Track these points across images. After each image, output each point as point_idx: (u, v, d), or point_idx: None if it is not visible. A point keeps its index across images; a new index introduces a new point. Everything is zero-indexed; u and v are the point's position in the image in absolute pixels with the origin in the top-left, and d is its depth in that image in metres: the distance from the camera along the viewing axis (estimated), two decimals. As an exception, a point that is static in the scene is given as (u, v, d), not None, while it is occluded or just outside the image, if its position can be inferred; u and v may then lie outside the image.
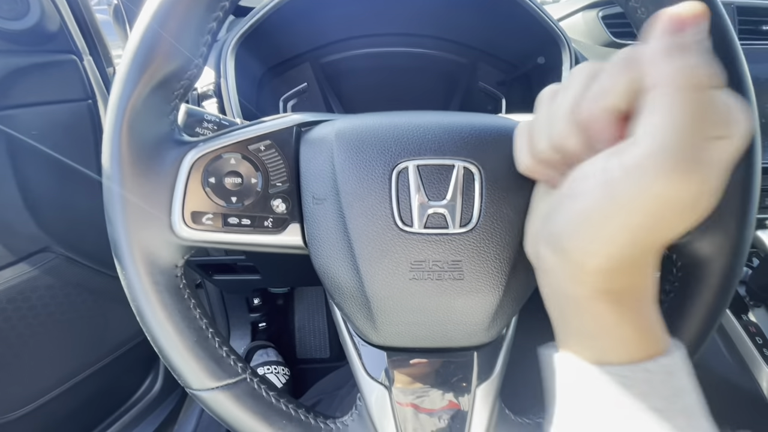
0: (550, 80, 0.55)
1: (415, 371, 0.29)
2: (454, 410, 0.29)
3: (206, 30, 0.26)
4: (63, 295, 0.64)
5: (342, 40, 0.65)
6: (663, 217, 0.16)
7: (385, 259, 0.26)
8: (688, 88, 0.15)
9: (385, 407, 0.29)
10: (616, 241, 0.17)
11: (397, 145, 0.26)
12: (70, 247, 0.65)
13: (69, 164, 0.63)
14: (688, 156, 0.15)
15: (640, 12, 0.27)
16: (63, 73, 0.61)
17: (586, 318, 0.20)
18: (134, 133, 0.25)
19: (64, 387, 0.66)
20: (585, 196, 0.17)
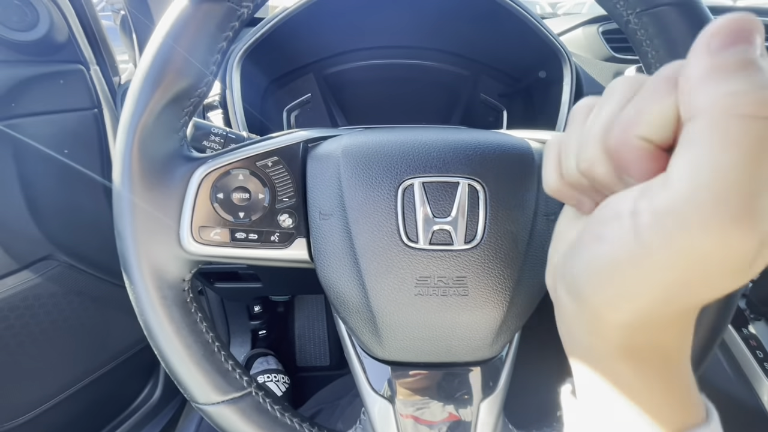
0: (551, 93, 0.56)
1: (419, 386, 0.30)
2: (457, 423, 0.29)
3: (216, 49, 0.27)
4: (65, 302, 0.64)
5: (346, 52, 0.66)
6: (704, 275, 0.13)
7: (391, 274, 0.26)
8: (736, 117, 0.11)
9: (389, 422, 0.29)
10: (645, 297, 0.14)
11: (403, 162, 0.27)
12: (74, 254, 0.65)
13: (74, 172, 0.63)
14: (734, 203, 0.11)
15: (640, 33, 0.27)
16: (70, 83, 0.62)
17: (605, 378, 0.17)
18: (145, 149, 0.26)
19: (65, 394, 0.66)
20: (611, 241, 0.14)
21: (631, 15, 0.27)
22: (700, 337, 0.28)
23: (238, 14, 0.26)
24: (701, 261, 0.12)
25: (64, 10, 0.59)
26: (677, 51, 0.26)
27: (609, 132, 0.15)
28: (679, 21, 0.26)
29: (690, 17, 0.26)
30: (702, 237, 0.12)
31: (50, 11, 0.56)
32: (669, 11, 0.26)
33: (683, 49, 0.26)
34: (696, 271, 0.13)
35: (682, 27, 0.26)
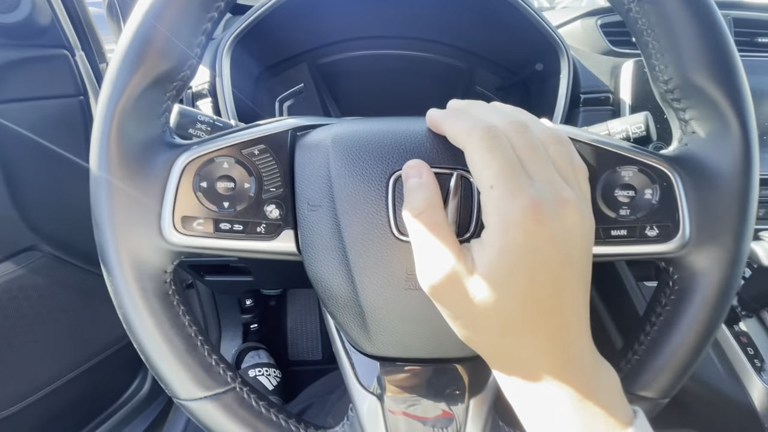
0: (548, 86, 0.55)
1: (408, 382, 0.29)
2: (447, 420, 0.29)
3: (200, 30, 0.26)
4: (50, 294, 0.63)
5: (339, 42, 0.65)
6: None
7: (380, 268, 0.25)
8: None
9: (377, 418, 0.29)
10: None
11: (394, 153, 0.26)
12: (58, 245, 0.63)
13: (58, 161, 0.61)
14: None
15: (641, 22, 0.27)
16: (55, 68, 0.60)
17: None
18: (124, 134, 0.25)
19: (51, 388, 0.65)
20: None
21: (632, 3, 0.26)
22: (693, 334, 0.27)
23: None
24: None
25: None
26: (678, 41, 0.26)
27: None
28: (681, 9, 0.25)
29: (692, 5, 0.25)
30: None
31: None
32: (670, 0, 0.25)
33: (684, 38, 0.25)
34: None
35: (684, 15, 0.25)
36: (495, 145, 0.20)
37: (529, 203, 0.19)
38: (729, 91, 0.26)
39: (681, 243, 0.27)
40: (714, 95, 0.26)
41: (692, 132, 0.28)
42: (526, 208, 0.19)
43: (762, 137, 0.51)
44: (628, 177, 0.28)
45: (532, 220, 0.19)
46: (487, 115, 0.23)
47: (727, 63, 0.25)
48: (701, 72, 0.26)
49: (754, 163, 0.26)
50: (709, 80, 0.26)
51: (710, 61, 0.25)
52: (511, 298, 0.20)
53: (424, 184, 0.23)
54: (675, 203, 0.27)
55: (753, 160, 0.26)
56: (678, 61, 0.26)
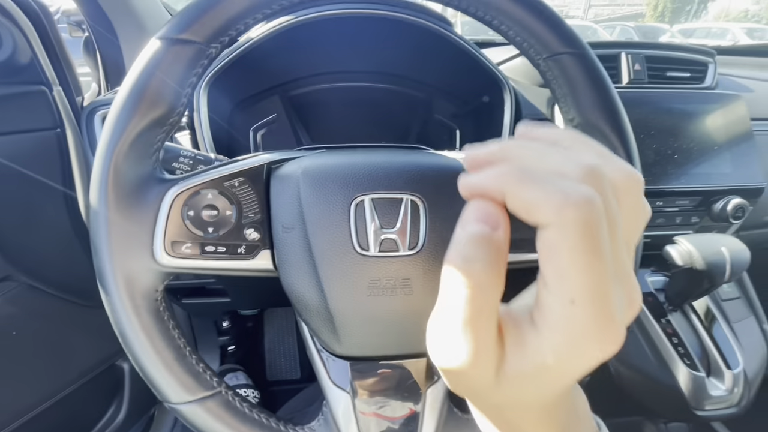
0: (495, 115, 0.63)
1: (375, 378, 0.33)
2: (410, 414, 0.33)
3: (187, 84, 0.30)
4: (25, 324, 0.63)
5: (309, 76, 0.71)
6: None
7: (346, 278, 0.30)
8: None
9: (349, 412, 0.33)
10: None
11: (354, 182, 0.31)
12: (33, 275, 0.64)
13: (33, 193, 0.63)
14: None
15: (549, 74, 0.34)
16: (32, 104, 0.62)
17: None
18: (120, 174, 0.29)
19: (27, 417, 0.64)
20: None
21: (539, 59, 0.33)
22: None
23: (207, 54, 0.30)
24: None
25: (26, 33, 0.60)
26: (576, 90, 0.33)
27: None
28: (574, 66, 0.32)
29: (582, 63, 0.32)
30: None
31: (13, 34, 0.57)
32: (566, 58, 0.32)
33: (580, 88, 0.33)
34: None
35: (577, 70, 0.32)
36: (594, 239, 0.14)
37: (612, 340, 0.15)
38: (615, 127, 0.33)
39: None
40: (605, 131, 0.33)
41: None
42: (606, 346, 0.15)
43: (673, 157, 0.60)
44: None
45: (603, 354, 0.15)
46: (570, 167, 0.15)
47: (612, 107, 0.33)
48: (594, 114, 0.33)
49: None
50: (600, 120, 0.33)
51: (600, 107, 0.33)
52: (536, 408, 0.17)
53: (493, 242, 0.16)
54: None
55: None
56: (577, 105, 0.33)
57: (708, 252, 0.50)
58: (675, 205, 0.60)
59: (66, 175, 0.66)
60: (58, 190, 0.66)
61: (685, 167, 0.60)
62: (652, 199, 0.59)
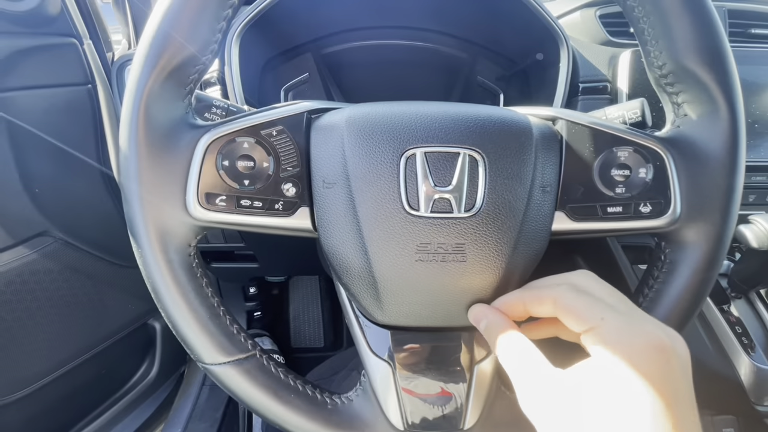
0: (548, 76, 0.57)
1: (418, 350, 0.31)
2: (455, 390, 0.31)
3: (221, 17, 0.27)
4: (61, 279, 0.64)
5: (344, 32, 0.66)
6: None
7: (393, 241, 0.27)
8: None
9: (389, 385, 0.30)
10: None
11: (405, 133, 0.27)
12: (69, 231, 0.65)
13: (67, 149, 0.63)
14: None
15: (637, 11, 0.28)
16: (63, 57, 0.61)
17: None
18: (151, 115, 0.26)
19: (62, 371, 0.67)
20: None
21: None
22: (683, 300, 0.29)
23: None
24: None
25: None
26: (672, 28, 0.27)
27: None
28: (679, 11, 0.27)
29: None
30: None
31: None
32: None
33: (677, 25, 0.27)
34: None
35: (677, 4, 0.27)
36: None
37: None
38: (719, 76, 0.27)
39: (672, 219, 0.29)
40: (705, 80, 0.28)
41: (684, 115, 0.30)
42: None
43: (754, 126, 0.53)
44: (624, 157, 0.29)
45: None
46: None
47: (717, 49, 0.27)
48: (693, 57, 0.27)
49: (740, 145, 0.28)
50: (700, 65, 0.27)
51: (702, 48, 0.27)
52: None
53: (493, 324, 0.26)
54: (667, 182, 0.29)
55: (740, 142, 0.28)
56: (671, 47, 0.28)
57: (789, 234, 0.44)
58: (750, 182, 0.53)
59: (98, 132, 0.66)
60: (90, 146, 0.65)
61: (765, 138, 0.53)
62: (724, 174, 0.53)
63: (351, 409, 0.30)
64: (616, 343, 0.21)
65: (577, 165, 0.30)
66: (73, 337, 0.69)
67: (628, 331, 0.21)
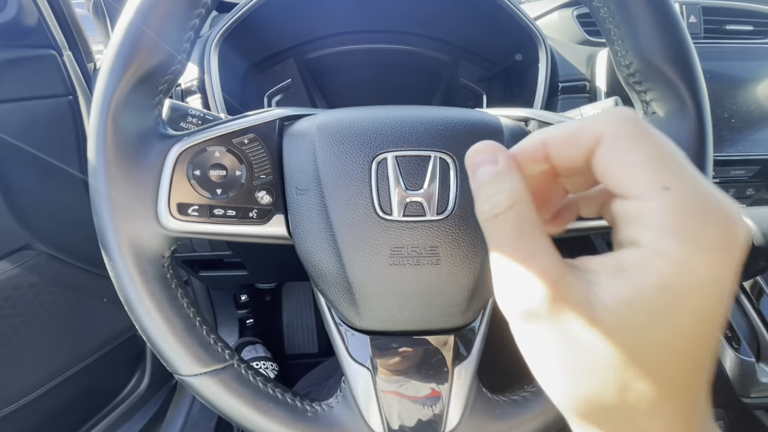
0: (528, 76, 0.57)
1: (398, 354, 0.31)
2: (435, 393, 0.31)
3: (188, 26, 0.27)
4: (46, 293, 0.63)
5: (325, 37, 0.66)
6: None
7: (366, 246, 0.27)
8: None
9: (369, 390, 0.30)
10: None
11: (376, 137, 0.28)
12: (53, 244, 0.64)
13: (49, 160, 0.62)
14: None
15: (603, 11, 0.28)
16: (43, 69, 0.60)
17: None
18: (119, 127, 0.26)
19: (50, 385, 0.66)
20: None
21: None
22: None
23: None
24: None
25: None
26: (636, 27, 0.28)
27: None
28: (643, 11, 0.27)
29: None
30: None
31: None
32: None
33: (642, 24, 0.27)
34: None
35: (640, 3, 0.27)
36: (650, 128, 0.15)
37: (729, 221, 0.13)
38: (684, 74, 0.28)
39: None
40: (671, 77, 0.28)
41: (653, 112, 0.30)
42: (727, 233, 0.13)
43: (730, 120, 0.54)
44: None
45: (728, 247, 0.13)
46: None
47: (681, 47, 0.28)
48: (658, 56, 0.28)
49: (708, 140, 0.28)
50: (666, 63, 0.28)
51: (666, 45, 0.27)
52: (659, 355, 0.14)
53: (503, 172, 0.17)
54: None
55: (707, 137, 0.28)
56: (637, 46, 0.28)
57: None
58: (729, 176, 0.54)
59: (80, 143, 0.65)
60: (73, 158, 0.65)
61: (742, 132, 0.53)
62: (703, 169, 0.54)
63: (331, 416, 0.30)
64: (684, 230, 0.13)
65: None
66: (60, 351, 0.68)
67: (701, 213, 0.13)
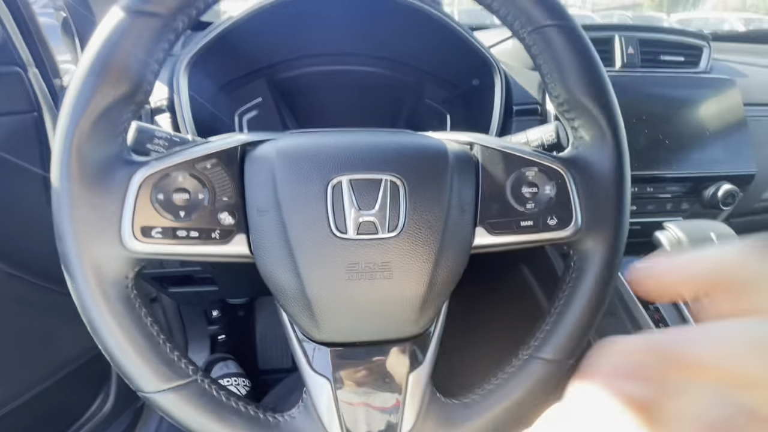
0: (485, 99, 0.61)
1: (356, 364, 0.33)
2: (392, 399, 0.33)
3: (153, 60, 0.29)
4: (5, 312, 0.62)
5: (296, 58, 0.68)
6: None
7: (323, 262, 0.29)
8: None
9: (330, 400, 0.32)
10: None
11: (331, 162, 0.30)
12: (12, 262, 0.63)
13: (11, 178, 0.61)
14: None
15: (533, 49, 0.32)
16: (7, 86, 0.60)
17: None
18: (83, 154, 0.27)
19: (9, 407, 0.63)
20: None
21: (524, 33, 0.32)
22: (589, 302, 0.33)
23: (173, 27, 0.28)
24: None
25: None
26: (561, 64, 0.31)
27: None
28: (559, 39, 0.31)
29: (568, 36, 0.31)
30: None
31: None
32: (551, 31, 0.31)
33: (565, 62, 0.31)
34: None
35: (563, 43, 0.31)
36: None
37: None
38: (602, 106, 0.32)
39: (575, 229, 0.33)
40: (591, 108, 0.32)
41: (580, 137, 0.34)
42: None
43: (664, 142, 0.60)
44: (531, 176, 0.33)
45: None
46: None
47: (599, 84, 0.32)
48: (580, 90, 0.32)
49: (624, 163, 0.32)
50: (586, 97, 0.32)
51: (586, 82, 0.31)
52: None
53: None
54: (569, 197, 0.33)
55: (623, 161, 0.32)
56: (563, 81, 0.32)
57: (697, 237, 0.50)
58: (666, 191, 0.59)
59: (45, 160, 0.64)
60: (37, 175, 0.64)
61: (676, 153, 0.59)
62: (643, 185, 0.59)
63: (293, 426, 0.32)
64: None
65: (492, 184, 0.33)
66: (20, 372, 0.65)
67: None
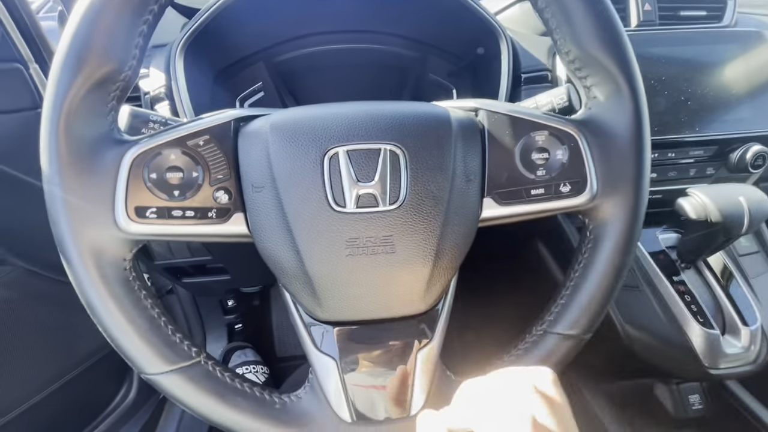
0: (492, 68, 0.58)
1: (362, 343, 0.32)
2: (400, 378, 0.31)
3: (137, 33, 0.27)
4: (24, 308, 0.63)
5: (293, 39, 0.67)
6: None
7: (322, 238, 0.28)
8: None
9: (336, 379, 0.31)
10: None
11: (327, 133, 0.28)
12: (29, 259, 0.64)
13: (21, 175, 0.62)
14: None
15: (540, 2, 0.30)
16: (9, 83, 0.60)
17: None
18: (71, 134, 0.26)
19: (34, 400, 0.65)
20: None
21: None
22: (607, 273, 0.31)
23: (148, 6, 0.27)
24: None
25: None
26: (571, 17, 0.29)
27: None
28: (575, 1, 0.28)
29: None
30: None
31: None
32: None
33: (575, 14, 0.29)
34: None
35: (578, 6, 0.28)
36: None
37: None
38: (618, 59, 0.29)
39: (590, 196, 0.31)
40: (606, 63, 0.29)
41: (594, 97, 0.31)
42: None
43: (686, 103, 0.56)
44: (541, 141, 0.31)
45: None
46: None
47: (613, 35, 0.29)
48: (593, 44, 0.29)
49: (644, 121, 0.30)
50: (600, 50, 0.29)
51: (599, 34, 0.29)
52: None
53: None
54: (582, 161, 0.30)
55: (643, 118, 0.30)
56: (573, 35, 0.29)
57: (724, 203, 0.47)
58: (689, 156, 0.56)
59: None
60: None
61: (700, 114, 0.55)
62: (664, 151, 0.55)
63: (299, 407, 0.31)
64: None
65: (500, 152, 0.31)
66: (43, 366, 0.67)
67: None
